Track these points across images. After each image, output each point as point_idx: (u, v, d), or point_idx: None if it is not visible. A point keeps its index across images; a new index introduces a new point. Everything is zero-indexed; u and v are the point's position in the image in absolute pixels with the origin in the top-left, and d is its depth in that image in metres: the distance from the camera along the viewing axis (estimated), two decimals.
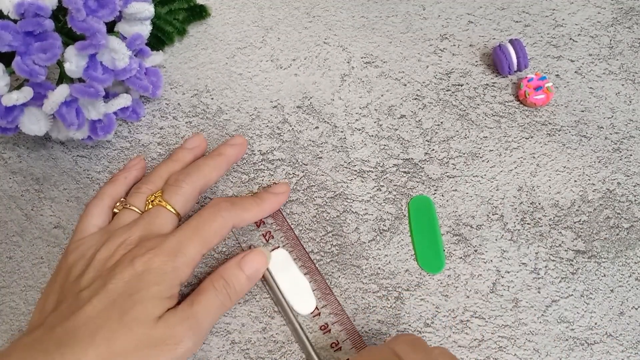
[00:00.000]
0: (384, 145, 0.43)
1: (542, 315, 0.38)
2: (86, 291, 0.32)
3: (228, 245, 0.40)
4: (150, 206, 0.37)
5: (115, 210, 0.38)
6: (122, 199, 0.38)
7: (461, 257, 0.40)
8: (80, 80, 0.37)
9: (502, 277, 0.39)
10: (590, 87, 0.46)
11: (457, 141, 0.44)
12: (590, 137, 0.44)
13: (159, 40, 0.46)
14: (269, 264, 0.38)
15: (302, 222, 0.41)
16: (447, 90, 0.46)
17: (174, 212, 0.36)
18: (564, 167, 0.43)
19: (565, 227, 0.41)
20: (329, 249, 0.40)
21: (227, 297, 0.35)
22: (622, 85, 0.46)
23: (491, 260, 0.40)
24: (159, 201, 0.36)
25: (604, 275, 0.39)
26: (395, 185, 0.42)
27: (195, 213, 0.36)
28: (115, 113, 0.40)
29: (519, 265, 0.39)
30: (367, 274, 0.39)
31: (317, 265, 0.39)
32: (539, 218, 0.41)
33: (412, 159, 0.43)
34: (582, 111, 0.45)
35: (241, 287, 0.35)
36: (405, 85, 0.46)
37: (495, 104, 0.45)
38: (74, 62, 0.36)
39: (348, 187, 0.42)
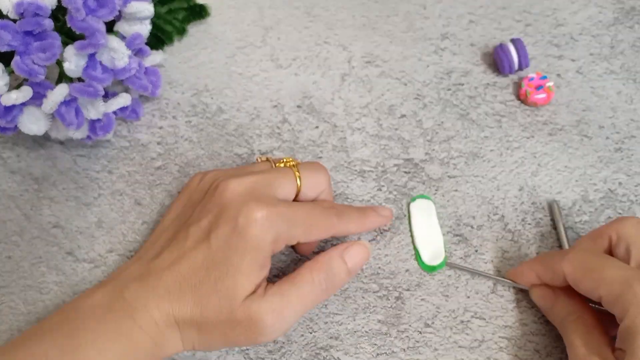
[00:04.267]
0: (385, 145, 0.43)
1: (543, 315, 0.38)
2: (193, 233, 0.33)
3: None
4: (281, 165, 0.37)
5: (258, 159, 0.39)
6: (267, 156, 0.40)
7: (462, 258, 0.39)
8: (80, 79, 0.37)
9: (503, 277, 0.39)
10: (592, 87, 0.46)
11: (457, 141, 0.44)
12: (592, 137, 0.44)
13: (158, 39, 0.46)
14: (413, 209, 0.40)
15: None
16: (447, 90, 0.46)
17: (298, 184, 0.35)
18: (565, 166, 0.43)
19: (566, 227, 0.40)
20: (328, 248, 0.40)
21: (324, 291, 0.33)
22: (624, 84, 0.46)
23: (492, 261, 0.39)
24: (293, 166, 0.36)
25: None
26: (395, 185, 0.42)
27: (305, 202, 0.36)
28: (114, 112, 0.40)
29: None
30: (368, 274, 0.39)
31: None
32: (540, 218, 0.41)
33: (412, 158, 0.43)
34: (584, 111, 0.45)
35: (341, 281, 0.34)
36: (405, 84, 0.46)
37: (496, 103, 0.45)
38: (73, 61, 0.36)
39: (348, 187, 0.42)
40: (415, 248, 0.39)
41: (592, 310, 0.33)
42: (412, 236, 0.40)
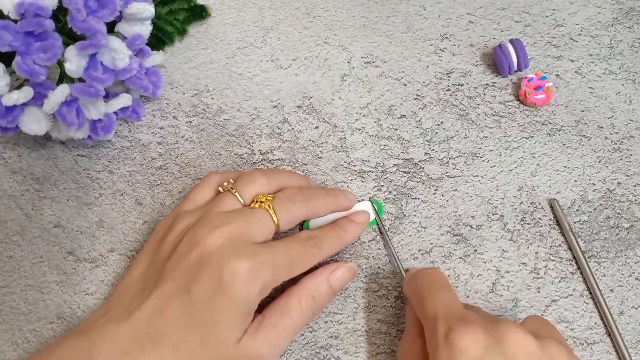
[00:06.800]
0: (384, 145, 0.43)
1: (542, 314, 0.38)
2: (169, 289, 0.31)
3: None
4: (256, 205, 0.34)
5: (220, 189, 0.36)
6: (231, 180, 0.36)
7: (461, 257, 0.40)
8: (81, 80, 0.38)
9: (502, 277, 0.39)
10: (591, 87, 0.46)
11: (457, 141, 0.44)
12: (591, 137, 0.44)
13: (159, 40, 0.46)
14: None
15: None
16: (447, 90, 0.46)
17: (276, 222, 0.34)
18: (564, 167, 0.43)
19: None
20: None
21: (311, 314, 0.34)
22: (623, 85, 0.46)
23: (491, 260, 0.40)
24: (268, 206, 0.34)
25: (604, 275, 0.39)
26: (395, 185, 0.42)
27: (283, 240, 0.34)
28: (115, 113, 0.40)
29: (519, 265, 0.39)
30: (368, 273, 0.39)
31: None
32: (539, 218, 0.41)
33: (412, 159, 0.43)
34: (582, 111, 0.45)
35: (326, 303, 0.35)
36: (405, 85, 0.46)
37: (496, 103, 0.45)
38: (74, 62, 0.36)
39: (348, 187, 0.42)
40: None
41: None
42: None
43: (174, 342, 0.31)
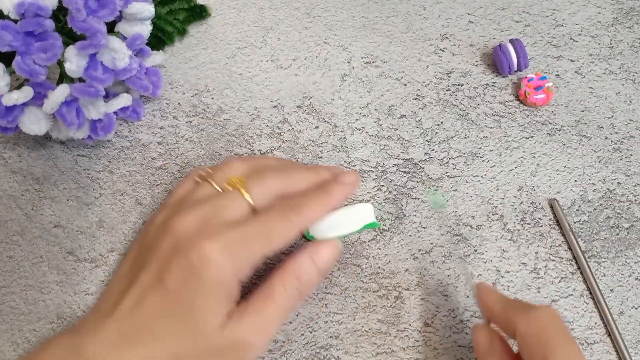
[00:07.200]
0: (384, 145, 0.43)
1: None
2: (145, 279, 0.31)
3: None
4: (229, 187, 0.34)
5: (198, 179, 0.36)
6: (208, 170, 0.36)
7: (461, 257, 0.40)
8: (81, 80, 0.38)
9: (502, 276, 0.39)
10: (591, 87, 0.46)
11: (457, 141, 0.44)
12: (591, 137, 0.44)
13: (159, 40, 0.46)
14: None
15: None
16: (447, 90, 0.46)
17: (250, 202, 0.33)
18: (564, 166, 0.43)
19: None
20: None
21: (298, 297, 0.32)
22: (622, 85, 0.46)
23: (491, 260, 0.40)
24: (240, 185, 0.34)
25: (604, 275, 0.39)
26: (395, 185, 0.42)
27: (263, 211, 0.33)
28: (115, 113, 0.40)
29: (519, 265, 0.39)
30: (367, 273, 0.39)
31: None
32: (539, 218, 0.41)
33: (412, 158, 0.43)
34: (582, 111, 0.45)
35: (313, 283, 0.33)
36: (405, 85, 0.46)
37: (496, 103, 0.45)
38: (74, 62, 0.36)
39: None
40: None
41: None
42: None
43: (158, 334, 0.30)
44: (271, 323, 0.32)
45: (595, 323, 0.38)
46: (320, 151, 0.43)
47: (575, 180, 0.42)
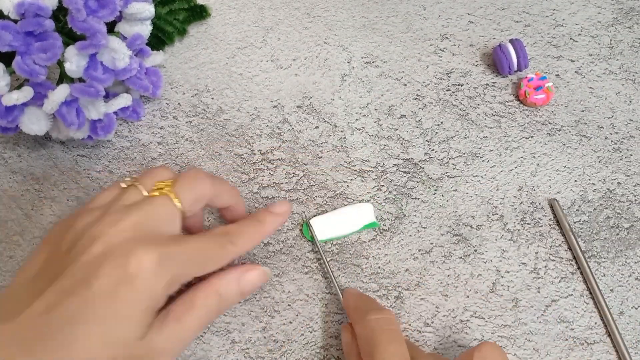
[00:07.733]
0: (384, 145, 0.43)
1: (542, 314, 0.38)
2: (65, 286, 0.29)
3: None
4: (156, 193, 0.33)
5: (123, 184, 0.34)
6: (134, 176, 0.35)
7: (461, 257, 0.40)
8: (81, 80, 0.38)
9: (502, 277, 0.39)
10: (591, 87, 0.46)
11: (457, 141, 0.44)
12: (591, 137, 0.44)
13: (159, 40, 0.46)
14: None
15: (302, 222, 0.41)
16: (447, 90, 0.46)
17: (179, 207, 0.33)
18: (564, 166, 0.43)
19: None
20: (329, 247, 0.40)
21: (216, 312, 0.33)
22: (622, 85, 0.46)
23: (491, 260, 0.40)
24: (168, 190, 0.33)
25: (604, 275, 0.39)
26: (395, 185, 0.42)
27: (197, 235, 0.33)
28: (115, 113, 0.40)
29: (519, 265, 0.40)
30: (367, 273, 0.39)
31: (318, 263, 0.39)
32: (539, 218, 0.41)
33: (412, 158, 0.43)
34: (582, 111, 0.45)
35: (232, 303, 0.34)
36: (405, 85, 0.46)
37: (496, 103, 0.45)
38: (74, 62, 0.36)
39: (348, 187, 0.42)
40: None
41: None
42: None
43: (69, 340, 0.28)
44: (190, 332, 0.31)
45: (595, 323, 0.38)
46: (320, 151, 0.43)
47: (575, 180, 0.42)
